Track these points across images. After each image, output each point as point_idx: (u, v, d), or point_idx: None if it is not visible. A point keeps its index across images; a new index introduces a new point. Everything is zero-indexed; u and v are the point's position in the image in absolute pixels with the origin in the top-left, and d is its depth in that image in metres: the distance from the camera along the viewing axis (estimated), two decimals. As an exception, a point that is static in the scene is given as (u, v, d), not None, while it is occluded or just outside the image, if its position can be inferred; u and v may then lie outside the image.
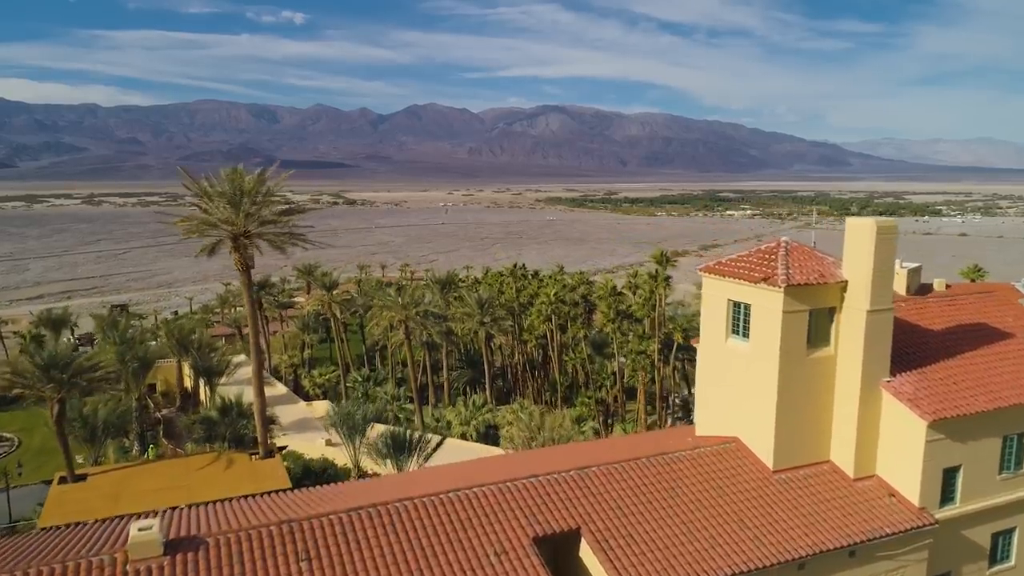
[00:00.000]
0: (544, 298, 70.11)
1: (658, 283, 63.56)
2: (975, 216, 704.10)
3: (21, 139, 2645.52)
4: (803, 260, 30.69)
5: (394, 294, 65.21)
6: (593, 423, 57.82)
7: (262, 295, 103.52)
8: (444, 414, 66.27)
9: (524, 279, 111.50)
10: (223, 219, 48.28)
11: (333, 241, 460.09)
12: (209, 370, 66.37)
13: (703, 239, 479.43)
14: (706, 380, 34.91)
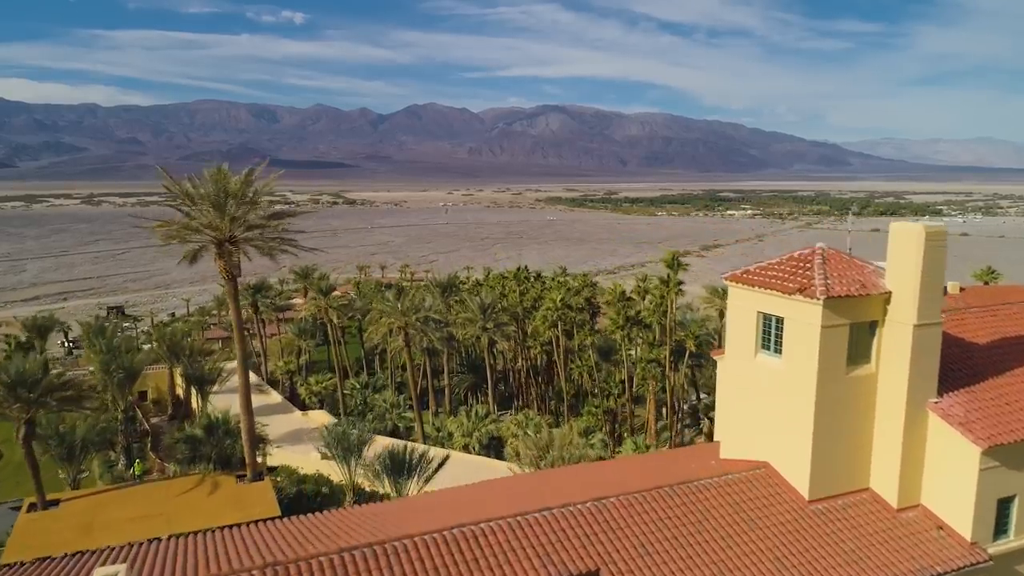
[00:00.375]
0: (549, 303, 67.25)
1: (670, 288, 60.71)
2: (976, 216, 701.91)
3: (21, 139, 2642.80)
4: (842, 269, 27.91)
5: (393, 299, 62.40)
6: (602, 435, 55.16)
7: (258, 298, 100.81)
8: (446, 424, 63.58)
9: (527, 282, 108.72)
10: (206, 223, 45.40)
11: (332, 241, 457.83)
12: (200, 379, 63.66)
13: (704, 239, 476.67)
14: (730, 397, 32.16)
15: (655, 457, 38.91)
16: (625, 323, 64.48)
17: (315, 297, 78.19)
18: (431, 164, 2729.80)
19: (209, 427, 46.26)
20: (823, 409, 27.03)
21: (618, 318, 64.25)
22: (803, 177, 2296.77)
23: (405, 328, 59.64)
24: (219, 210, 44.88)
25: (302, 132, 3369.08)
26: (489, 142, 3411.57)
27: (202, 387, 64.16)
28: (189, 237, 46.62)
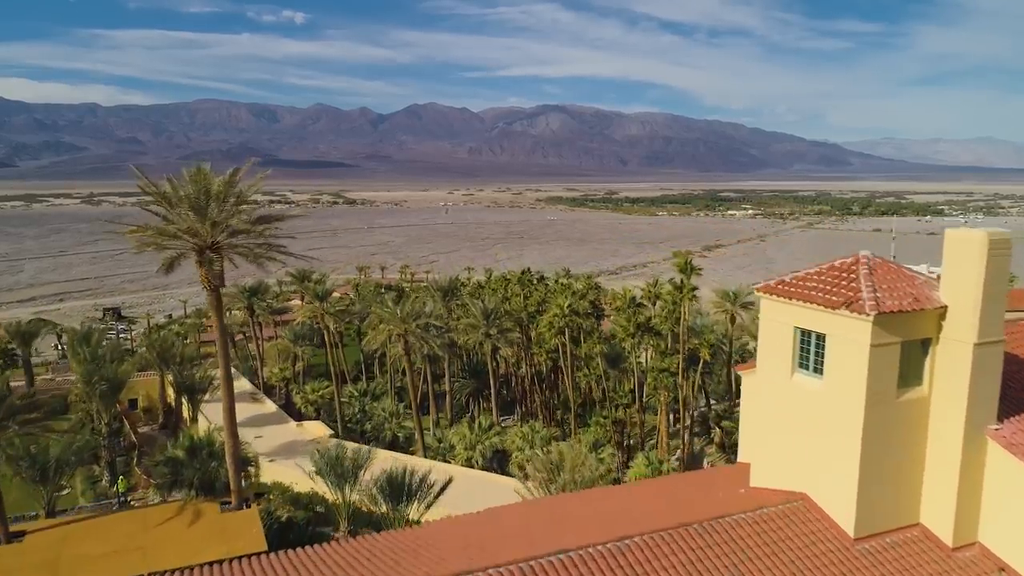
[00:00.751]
0: (556, 310, 64.28)
1: (683, 295, 57.80)
2: (978, 216, 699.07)
3: (21, 138, 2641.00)
4: (892, 280, 25.03)
5: (392, 305, 59.42)
6: (611, 448, 52.40)
7: (254, 301, 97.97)
8: (447, 435, 60.75)
9: (531, 285, 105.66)
10: (185, 228, 42.07)
11: (332, 241, 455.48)
12: (191, 388, 60.85)
13: (706, 239, 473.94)
14: (760, 418, 29.27)
15: (677, 481, 36.00)
16: (636, 330, 61.57)
17: (311, 302, 74.98)
18: (431, 164, 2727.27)
19: (192, 448, 43.06)
20: (871, 436, 24.17)
21: (628, 325, 61.27)
22: (803, 177, 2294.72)
23: (405, 336, 56.78)
24: (199, 214, 41.76)
25: (302, 132, 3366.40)
26: (489, 142, 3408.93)
27: (192, 396, 61.44)
28: (166, 243, 43.21)
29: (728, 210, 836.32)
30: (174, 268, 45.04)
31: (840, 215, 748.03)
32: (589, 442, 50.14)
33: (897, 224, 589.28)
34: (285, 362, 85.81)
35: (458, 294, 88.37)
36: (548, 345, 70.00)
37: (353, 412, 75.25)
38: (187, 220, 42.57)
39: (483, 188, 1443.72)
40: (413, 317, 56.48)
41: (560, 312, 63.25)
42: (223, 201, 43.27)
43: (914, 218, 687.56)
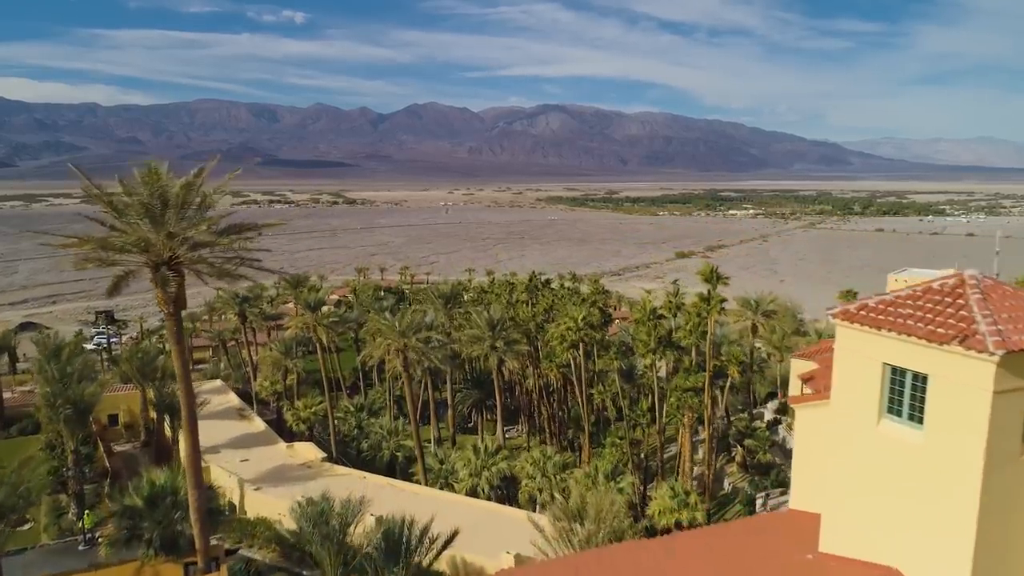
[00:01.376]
0: (569, 323, 59.18)
1: (711, 308, 52.88)
2: (980, 216, 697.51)
3: (21, 138, 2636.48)
4: (1014, 307, 20.01)
5: (390, 317, 54.41)
6: (631, 477, 47.59)
7: (246, 307, 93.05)
8: (450, 458, 55.78)
9: (538, 291, 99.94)
10: (135, 241, 35.75)
11: (331, 241, 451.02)
12: (171, 407, 55.67)
13: (707, 239, 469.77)
14: (833, 468, 24.35)
15: (726, 536, 31.09)
16: (657, 345, 56.55)
17: (302, 313, 69.47)
18: (431, 163, 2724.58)
19: (151, 498, 37.68)
20: (990, 506, 19.17)
21: (649, 339, 56.20)
22: (804, 177, 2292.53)
23: (404, 351, 51.89)
24: (155, 223, 35.64)
25: (302, 131, 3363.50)
26: (489, 141, 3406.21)
27: (173, 416, 56.23)
28: (114, 259, 36.79)
29: (729, 210, 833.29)
30: (120, 289, 38.83)
31: (842, 215, 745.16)
32: (607, 469, 45.39)
33: (899, 224, 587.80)
34: (276, 374, 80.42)
35: (460, 301, 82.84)
36: (559, 359, 65.07)
37: (349, 428, 70.33)
38: (138, 230, 36.55)
39: (483, 188, 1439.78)
40: (413, 330, 51.51)
41: (574, 325, 58.20)
42: (183, 208, 37.30)
43: (916, 218, 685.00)
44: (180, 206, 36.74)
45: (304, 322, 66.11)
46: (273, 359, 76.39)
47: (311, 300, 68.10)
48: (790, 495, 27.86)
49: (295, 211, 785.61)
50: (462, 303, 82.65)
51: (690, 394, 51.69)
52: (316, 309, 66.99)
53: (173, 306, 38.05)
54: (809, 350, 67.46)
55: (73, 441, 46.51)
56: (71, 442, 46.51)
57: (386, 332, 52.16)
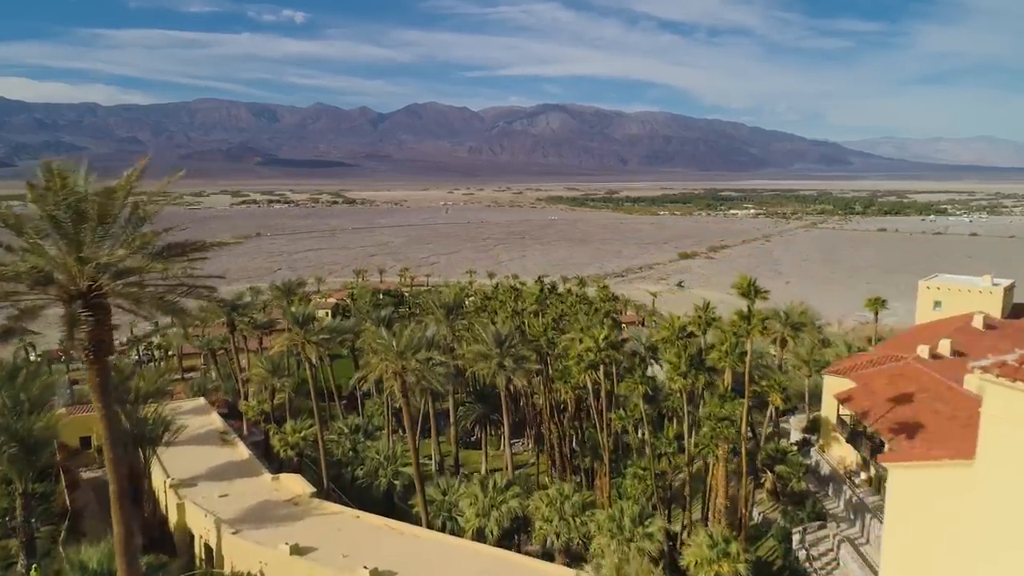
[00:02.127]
0: (589, 343, 53.53)
1: (752, 327, 47.49)
2: (982, 215, 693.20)
3: (21, 138, 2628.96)
4: None
5: (387, 335, 48.95)
6: (660, 521, 42.48)
7: (235, 316, 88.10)
8: (454, 488, 50.63)
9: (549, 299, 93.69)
10: (30, 270, 27.14)
11: (331, 242, 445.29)
12: (140, 437, 49.76)
13: (709, 239, 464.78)
14: (952, 538, 19.49)
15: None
16: (689, 369, 50.96)
17: (290, 328, 63.07)
18: (431, 163, 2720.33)
19: None
20: None
21: (679, 362, 50.63)
22: (804, 176, 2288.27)
23: (402, 374, 46.68)
24: (71, 242, 27.39)
25: (302, 131, 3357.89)
26: (489, 141, 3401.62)
27: (144, 447, 50.37)
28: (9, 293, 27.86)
29: (730, 210, 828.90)
30: (16, 333, 29.85)
31: (843, 215, 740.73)
32: (633, 512, 40.35)
33: (901, 224, 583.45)
34: (263, 393, 74.54)
35: (463, 312, 76.76)
36: (575, 380, 59.55)
37: (343, 452, 65.07)
38: (42, 254, 28.08)
39: (483, 188, 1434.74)
40: (412, 349, 46.32)
41: (594, 347, 52.72)
42: (103, 222, 28.73)
43: (918, 218, 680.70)
44: (100, 220, 28.48)
45: (291, 339, 60.23)
46: (259, 377, 70.84)
47: (299, 314, 61.74)
48: (882, 567, 23.03)
49: (295, 211, 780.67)
50: (465, 314, 76.64)
51: (726, 424, 46.47)
52: (305, 324, 60.75)
53: (94, 351, 29.32)
54: (842, 365, 62.56)
55: (22, 482, 40.79)
56: (20, 483, 40.81)
57: (382, 352, 47.16)
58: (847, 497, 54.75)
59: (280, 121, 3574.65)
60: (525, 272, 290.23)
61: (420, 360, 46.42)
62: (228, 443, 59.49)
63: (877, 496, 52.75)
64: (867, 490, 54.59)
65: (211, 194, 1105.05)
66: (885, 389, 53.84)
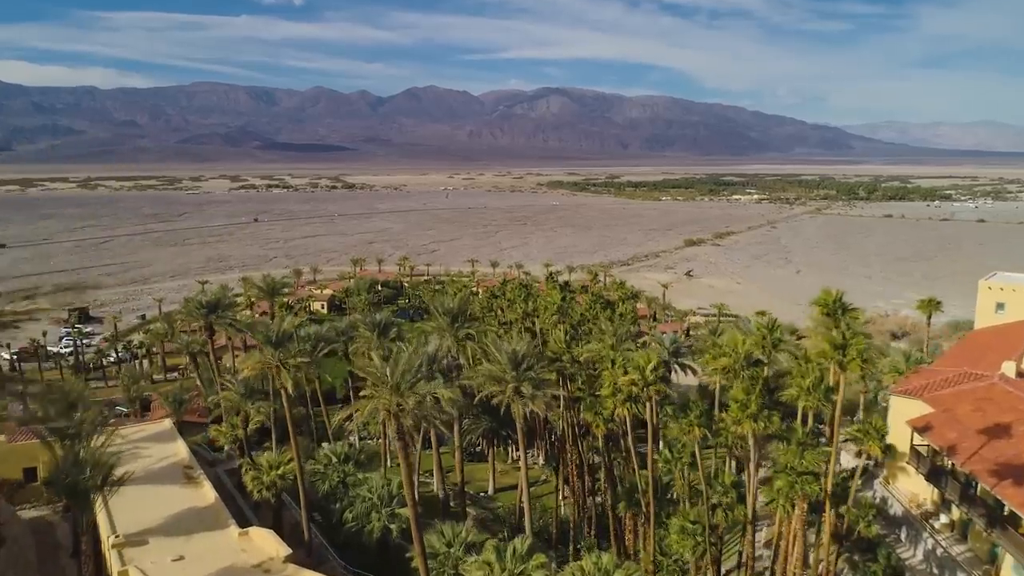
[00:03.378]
0: (634, 375, 43.76)
1: (848, 360, 37.83)
2: (987, 201, 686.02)
3: (18, 122, 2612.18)
4: None
5: (380, 363, 39.43)
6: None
7: (213, 318, 78.97)
8: (460, 539, 42.01)
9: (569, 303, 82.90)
10: None
11: (329, 228, 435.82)
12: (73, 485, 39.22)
13: (714, 225, 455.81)
14: None
15: None
16: (760, 409, 40.94)
17: (262, 347, 50.77)
18: (431, 147, 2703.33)
19: None
20: None
21: (749, 400, 40.73)
22: (805, 160, 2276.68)
23: (398, 416, 37.34)
24: None
25: (301, 115, 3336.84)
26: (489, 125, 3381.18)
27: (79, 499, 40.28)
28: None
29: (733, 194, 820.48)
30: None
31: (847, 200, 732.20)
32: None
33: (906, 209, 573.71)
34: (235, 418, 63.53)
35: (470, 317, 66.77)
36: (608, 413, 49.95)
37: (330, 486, 55.88)
38: None
39: (483, 172, 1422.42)
40: (410, 382, 37.06)
41: (640, 380, 43.25)
42: None
43: (922, 203, 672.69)
44: None
45: (263, 363, 49.57)
46: (230, 402, 60.58)
47: (272, 334, 50.72)
48: None
49: (294, 196, 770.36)
50: (471, 319, 66.91)
51: (808, 479, 37.50)
52: (281, 344, 49.82)
53: None
54: (912, 385, 53.68)
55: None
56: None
57: (376, 382, 37.98)
58: (928, 547, 46.15)
59: (279, 105, 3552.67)
60: (528, 260, 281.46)
61: (420, 395, 37.52)
62: (192, 482, 50.13)
63: (965, 546, 44.21)
64: (949, 537, 46.06)
65: (210, 179, 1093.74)
66: (972, 417, 45.29)
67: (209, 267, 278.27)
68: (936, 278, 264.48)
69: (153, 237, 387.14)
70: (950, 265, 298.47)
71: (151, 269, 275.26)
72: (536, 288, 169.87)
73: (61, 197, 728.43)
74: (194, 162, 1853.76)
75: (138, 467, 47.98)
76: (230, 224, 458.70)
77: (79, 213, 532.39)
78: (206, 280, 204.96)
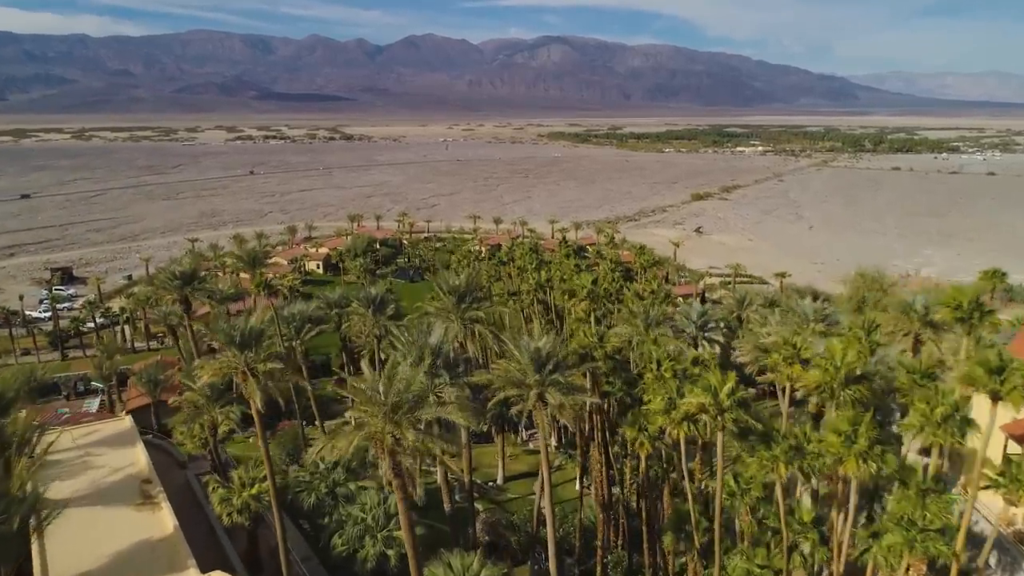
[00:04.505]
0: (705, 399, 34.15)
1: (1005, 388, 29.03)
2: (995, 153, 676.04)
3: (10, 71, 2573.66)
4: None
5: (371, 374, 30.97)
6: None
7: (188, 291, 70.40)
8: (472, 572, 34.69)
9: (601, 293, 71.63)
10: None
11: (327, 181, 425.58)
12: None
13: (720, 179, 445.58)
14: None
15: None
16: (871, 444, 31.40)
17: (227, 346, 40.76)
18: (430, 97, 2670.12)
19: None
20: None
21: (854, 431, 30.80)
22: (810, 111, 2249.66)
23: (393, 453, 28.83)
24: None
25: (297, 63, 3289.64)
26: (489, 74, 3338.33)
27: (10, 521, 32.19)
28: None
29: (737, 146, 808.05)
30: None
31: (853, 152, 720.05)
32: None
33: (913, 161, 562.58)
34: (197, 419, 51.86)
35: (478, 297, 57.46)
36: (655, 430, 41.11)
37: (319, 498, 47.42)
38: None
39: (483, 123, 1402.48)
40: (409, 405, 28.38)
41: (712, 405, 34.19)
42: None
43: (929, 155, 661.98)
44: None
45: (226, 366, 39.77)
46: (193, 404, 50.41)
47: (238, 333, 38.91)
48: None
49: (291, 147, 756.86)
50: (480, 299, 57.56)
51: (930, 537, 29.21)
52: (247, 345, 39.86)
53: None
54: None
55: None
56: None
57: (365, 408, 29.52)
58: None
59: (275, 53, 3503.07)
60: (532, 215, 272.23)
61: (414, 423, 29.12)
62: (149, 503, 41.66)
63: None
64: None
65: (206, 129, 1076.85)
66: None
67: (202, 222, 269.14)
68: (952, 235, 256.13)
69: (146, 190, 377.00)
70: (965, 220, 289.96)
71: (142, 225, 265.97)
72: (543, 248, 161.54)
73: (55, 148, 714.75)
74: (190, 112, 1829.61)
75: (86, 482, 39.96)
76: (225, 176, 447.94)
77: (72, 165, 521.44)
78: (196, 238, 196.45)
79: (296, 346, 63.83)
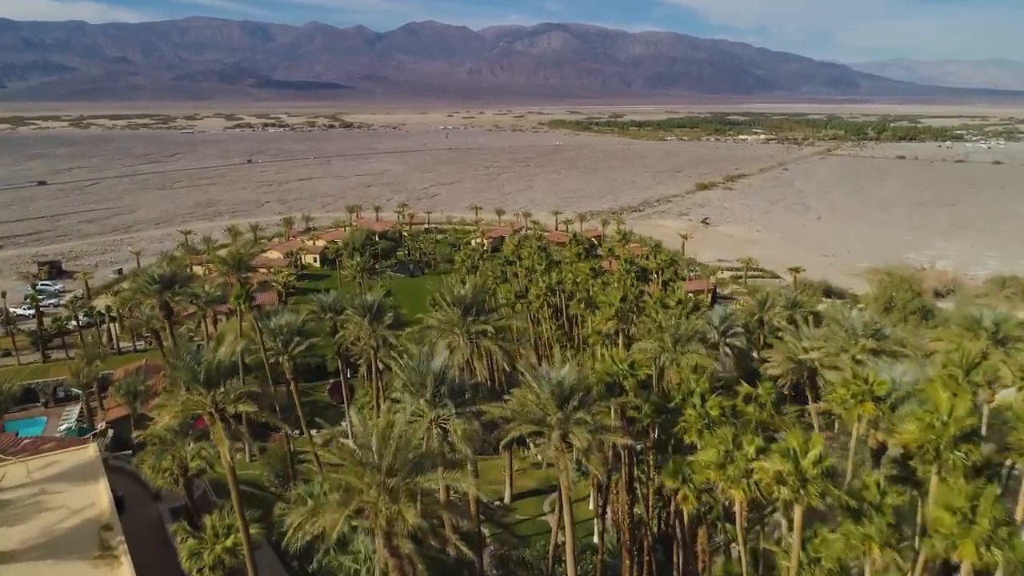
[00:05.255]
0: (784, 466, 27.64)
1: None
2: (1000, 142, 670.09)
3: (8, 58, 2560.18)
4: None
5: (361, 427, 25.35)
6: None
7: (168, 296, 64.77)
8: None
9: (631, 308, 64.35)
10: None
11: (326, 170, 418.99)
12: None
13: (723, 167, 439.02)
14: None
15: None
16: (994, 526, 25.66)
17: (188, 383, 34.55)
18: (430, 84, 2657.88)
19: None
20: None
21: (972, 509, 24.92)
22: (812, 99, 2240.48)
23: (391, 524, 23.70)
24: None
25: (296, 51, 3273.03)
26: (489, 62, 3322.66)
27: None
28: None
29: (739, 134, 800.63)
30: None
31: (856, 140, 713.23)
32: None
33: (918, 150, 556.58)
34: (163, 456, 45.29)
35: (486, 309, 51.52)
36: (701, 482, 34.81)
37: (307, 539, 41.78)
38: None
39: (483, 110, 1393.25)
40: (409, 469, 22.71)
41: (794, 475, 27.86)
42: None
43: (933, 144, 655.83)
44: None
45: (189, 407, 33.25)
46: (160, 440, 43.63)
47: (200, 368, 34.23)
48: None
49: (290, 135, 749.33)
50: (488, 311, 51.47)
51: None
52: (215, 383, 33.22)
53: None
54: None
55: None
56: None
57: (351, 469, 23.98)
58: None
59: (274, 41, 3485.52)
60: (534, 205, 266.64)
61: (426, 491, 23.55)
62: (108, 555, 36.17)
63: None
64: None
65: (204, 117, 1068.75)
66: None
67: (197, 213, 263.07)
68: (963, 225, 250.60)
69: (141, 179, 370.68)
70: (974, 211, 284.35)
71: (135, 215, 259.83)
72: (548, 241, 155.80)
73: (52, 136, 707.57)
74: (188, 100, 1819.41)
75: (37, 528, 34.56)
76: (223, 165, 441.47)
77: (69, 153, 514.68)
78: (190, 230, 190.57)
79: (283, 361, 58.36)
